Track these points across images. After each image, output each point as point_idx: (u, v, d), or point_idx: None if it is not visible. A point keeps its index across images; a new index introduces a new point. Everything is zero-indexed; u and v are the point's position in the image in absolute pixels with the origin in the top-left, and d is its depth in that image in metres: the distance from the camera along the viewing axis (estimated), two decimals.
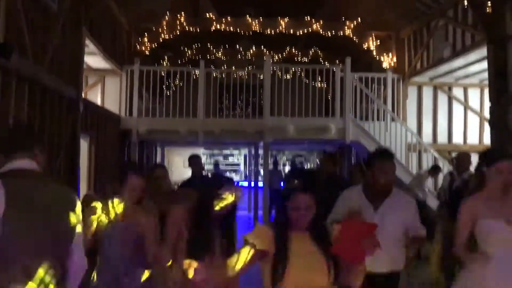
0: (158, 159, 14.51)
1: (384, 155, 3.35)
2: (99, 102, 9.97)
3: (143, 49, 10.88)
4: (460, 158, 6.15)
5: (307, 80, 10.62)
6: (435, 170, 8.67)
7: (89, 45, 7.92)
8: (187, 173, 6.50)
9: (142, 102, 10.29)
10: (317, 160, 6.90)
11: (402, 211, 3.22)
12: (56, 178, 6.16)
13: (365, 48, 11.26)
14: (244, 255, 2.35)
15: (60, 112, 6.46)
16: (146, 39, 10.91)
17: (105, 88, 10.36)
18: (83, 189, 7.71)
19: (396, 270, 3.26)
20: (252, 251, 2.36)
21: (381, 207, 3.21)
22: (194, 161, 5.82)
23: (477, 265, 2.76)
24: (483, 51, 7.79)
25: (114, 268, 2.86)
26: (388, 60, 11.05)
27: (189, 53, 12.43)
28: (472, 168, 5.50)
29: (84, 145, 7.99)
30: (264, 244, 2.37)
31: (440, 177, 8.62)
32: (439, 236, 4.80)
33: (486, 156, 3.04)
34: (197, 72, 10.45)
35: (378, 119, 10.11)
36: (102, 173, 8.60)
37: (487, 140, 9.22)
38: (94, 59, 9.06)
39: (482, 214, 2.78)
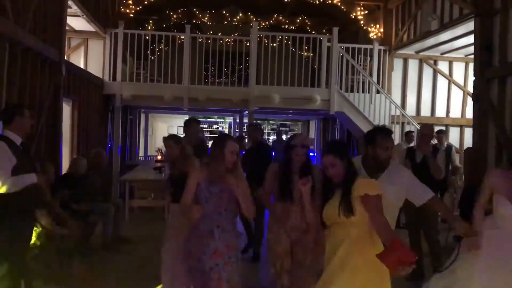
0: (142, 125, 14.43)
1: (385, 132, 3.43)
2: (82, 65, 9.77)
3: (128, 12, 10.62)
4: (423, 130, 5.96)
5: (293, 49, 10.54)
6: (408, 135, 8.78)
7: (72, 6, 7.71)
8: None
9: (126, 67, 10.12)
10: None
11: (398, 184, 3.33)
12: (38, 141, 6.10)
13: (353, 18, 11.16)
14: None
15: (42, 74, 6.32)
16: (130, 2, 10.63)
17: (89, 52, 10.14)
18: (65, 153, 7.65)
19: None
20: None
21: (378, 180, 3.26)
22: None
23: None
24: (470, 25, 7.80)
25: (209, 222, 3.27)
26: (375, 31, 10.99)
27: (175, 17, 12.18)
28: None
29: (66, 109, 7.89)
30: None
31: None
32: None
33: None
34: (182, 37, 10.28)
35: (363, 91, 10.15)
36: (85, 137, 8.54)
37: (469, 114, 9.34)
38: (77, 21, 8.82)
39: (500, 190, 3.15)
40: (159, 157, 9.97)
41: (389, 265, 2.50)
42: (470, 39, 8.09)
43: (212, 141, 3.87)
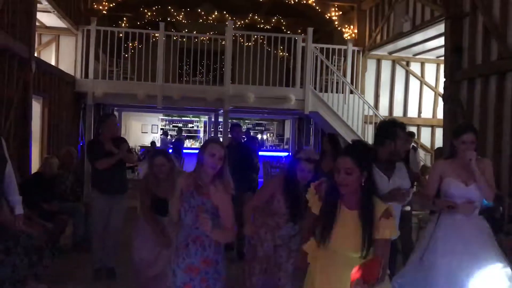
0: None
1: (403, 125, 3.45)
2: (53, 62, 9.58)
3: (101, 8, 10.45)
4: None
5: (269, 48, 10.57)
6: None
7: (42, 1, 7.54)
8: (145, 138, 6.50)
9: (99, 64, 9.97)
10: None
11: (405, 177, 3.42)
12: (6, 140, 5.94)
13: (327, 18, 11.26)
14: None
15: (10, 70, 6.16)
16: None
17: (60, 48, 9.95)
18: (35, 151, 7.49)
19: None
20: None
21: (393, 177, 3.31)
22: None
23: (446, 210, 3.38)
24: (441, 27, 7.96)
25: (186, 235, 3.01)
26: (349, 32, 11.11)
27: (149, 14, 12.04)
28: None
29: (37, 106, 7.72)
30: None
31: None
32: None
33: (454, 129, 3.63)
34: (156, 34, 10.18)
35: (337, 91, 10.24)
36: (56, 135, 8.37)
37: (440, 115, 9.53)
38: (48, 17, 8.65)
39: (448, 174, 3.43)
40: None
41: (364, 271, 2.23)
42: (441, 41, 8.25)
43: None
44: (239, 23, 12.34)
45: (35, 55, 7.34)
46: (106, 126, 5.13)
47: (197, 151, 3.14)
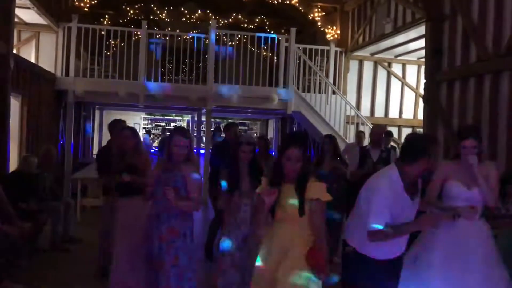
0: (97, 122, 14.08)
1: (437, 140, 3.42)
2: (33, 59, 9.43)
3: (82, 5, 10.32)
4: (374, 131, 6.41)
5: (252, 48, 10.57)
6: (358, 135, 8.98)
7: None
8: None
9: (80, 62, 9.84)
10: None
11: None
12: None
13: (311, 19, 11.30)
14: None
15: None
16: None
17: (40, 46, 9.79)
18: (13, 150, 7.36)
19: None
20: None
21: (416, 197, 2.93)
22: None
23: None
24: (422, 29, 8.05)
25: (157, 207, 3.56)
26: (332, 33, 11.17)
27: (131, 12, 11.95)
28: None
29: (15, 104, 7.59)
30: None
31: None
32: None
33: (457, 132, 3.70)
34: (139, 32, 10.10)
35: (319, 92, 10.29)
36: (35, 133, 8.24)
37: (421, 116, 9.64)
38: (27, 13, 8.51)
39: (452, 177, 3.45)
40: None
41: (312, 262, 2.76)
42: (423, 42, 8.35)
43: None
44: (222, 22, 12.32)
45: (14, 51, 7.21)
46: (113, 138, 5.12)
47: None
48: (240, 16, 12.52)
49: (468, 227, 3.32)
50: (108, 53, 10.56)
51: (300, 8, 11.20)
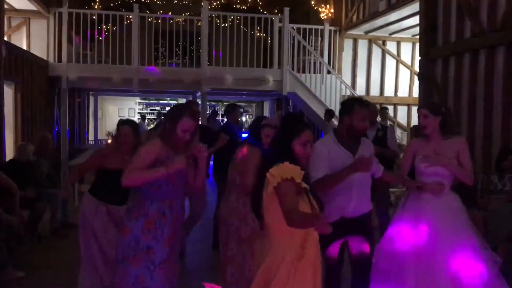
0: (92, 108, 14.00)
1: (363, 102, 3.38)
2: (24, 46, 9.33)
3: None
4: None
5: (245, 29, 10.48)
6: (329, 113, 8.97)
7: None
8: None
9: (72, 48, 9.75)
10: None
11: (371, 151, 3.40)
12: None
13: None
14: None
15: None
16: None
17: (31, 32, 9.68)
18: (9, 138, 7.33)
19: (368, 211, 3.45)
20: None
21: (357, 153, 3.25)
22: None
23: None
24: (416, 6, 7.99)
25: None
26: (325, 12, 11.08)
27: None
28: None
29: (9, 92, 7.54)
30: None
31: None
32: None
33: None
34: (130, 16, 9.98)
35: (314, 72, 10.25)
36: (30, 121, 8.20)
37: (416, 93, 9.64)
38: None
39: (420, 153, 3.51)
40: (109, 141, 9.73)
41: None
42: (417, 19, 8.30)
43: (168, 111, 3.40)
44: (214, 3, 12.18)
45: (5, 38, 7.12)
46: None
47: None
48: None
49: (434, 199, 3.41)
50: (100, 38, 10.45)
51: None
